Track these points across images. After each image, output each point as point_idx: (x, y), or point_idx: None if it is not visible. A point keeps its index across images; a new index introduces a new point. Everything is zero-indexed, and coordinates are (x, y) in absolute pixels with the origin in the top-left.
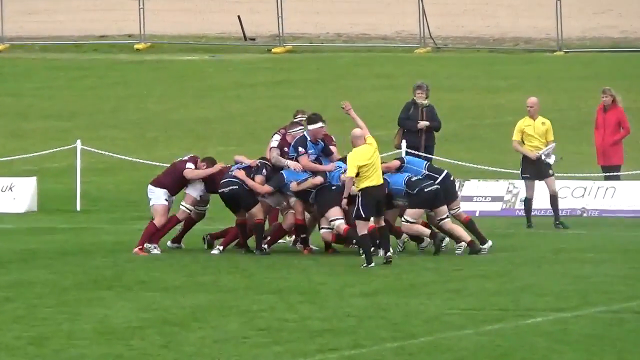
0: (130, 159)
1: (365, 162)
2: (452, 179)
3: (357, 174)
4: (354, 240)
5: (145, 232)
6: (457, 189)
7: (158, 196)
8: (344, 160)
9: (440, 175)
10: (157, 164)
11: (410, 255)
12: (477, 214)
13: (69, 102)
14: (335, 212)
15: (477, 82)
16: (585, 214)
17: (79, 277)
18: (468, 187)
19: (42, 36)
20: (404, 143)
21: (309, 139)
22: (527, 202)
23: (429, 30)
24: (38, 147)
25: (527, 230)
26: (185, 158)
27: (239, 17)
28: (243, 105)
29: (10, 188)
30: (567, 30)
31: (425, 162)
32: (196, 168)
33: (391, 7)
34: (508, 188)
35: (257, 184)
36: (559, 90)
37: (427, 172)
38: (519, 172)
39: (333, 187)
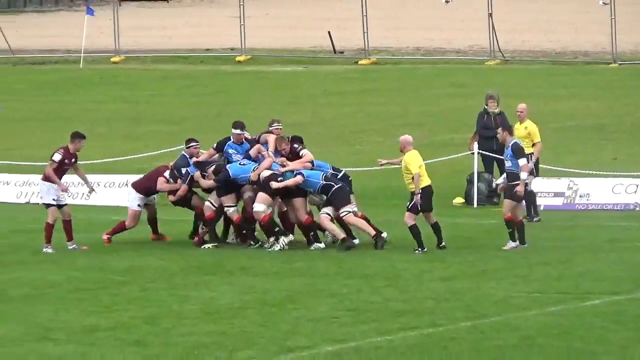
0: None
1: (421, 162)
2: (350, 179)
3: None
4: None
5: (117, 226)
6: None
7: (132, 200)
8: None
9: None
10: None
11: (481, 245)
12: (541, 208)
13: (178, 109)
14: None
15: (541, 91)
16: (637, 208)
17: (186, 264)
18: (533, 184)
19: (153, 49)
20: (475, 146)
21: (232, 140)
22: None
23: (497, 44)
24: (149, 148)
25: (583, 222)
26: (165, 165)
27: (329, 32)
28: (332, 111)
29: (126, 184)
30: (621, 44)
31: (329, 165)
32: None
33: (464, 24)
34: (568, 185)
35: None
36: (613, 98)
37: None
38: (576, 170)
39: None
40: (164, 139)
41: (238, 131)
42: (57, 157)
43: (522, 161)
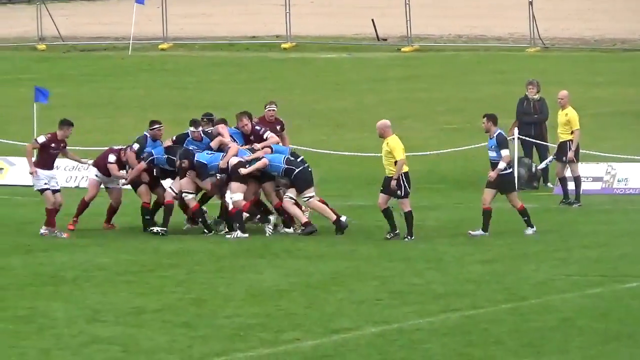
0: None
1: (403, 147)
2: (309, 170)
3: (396, 162)
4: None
5: (79, 206)
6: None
7: (91, 172)
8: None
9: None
10: (302, 148)
11: (521, 229)
12: (581, 192)
13: (224, 95)
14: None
15: (580, 78)
16: None
17: (234, 247)
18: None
19: (201, 36)
20: (515, 131)
21: (190, 137)
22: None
23: (538, 32)
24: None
25: (621, 206)
26: (114, 148)
27: (372, 20)
28: (376, 97)
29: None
30: None
31: (290, 149)
32: (118, 158)
33: (505, 12)
34: (607, 170)
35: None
36: None
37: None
38: (614, 155)
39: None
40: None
41: (192, 129)
42: (42, 139)
43: (504, 152)
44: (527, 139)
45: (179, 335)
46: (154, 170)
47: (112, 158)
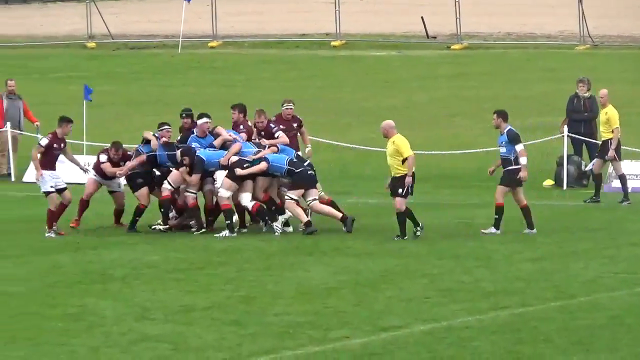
0: (327, 141)
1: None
2: (310, 172)
3: (404, 160)
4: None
5: (79, 208)
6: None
7: (90, 173)
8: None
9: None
10: (351, 145)
11: (570, 227)
12: (629, 190)
13: (274, 92)
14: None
15: (628, 76)
16: None
17: (283, 244)
18: (624, 167)
19: (250, 34)
20: (565, 129)
21: (195, 134)
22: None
23: (587, 30)
24: None
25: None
26: (105, 148)
27: (422, 18)
28: (425, 95)
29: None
30: None
31: (295, 152)
32: (109, 157)
33: (555, 10)
34: None
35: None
36: None
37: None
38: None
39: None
40: None
41: (204, 120)
42: (45, 141)
43: (519, 147)
44: (577, 136)
45: (228, 333)
46: (155, 171)
47: (103, 157)
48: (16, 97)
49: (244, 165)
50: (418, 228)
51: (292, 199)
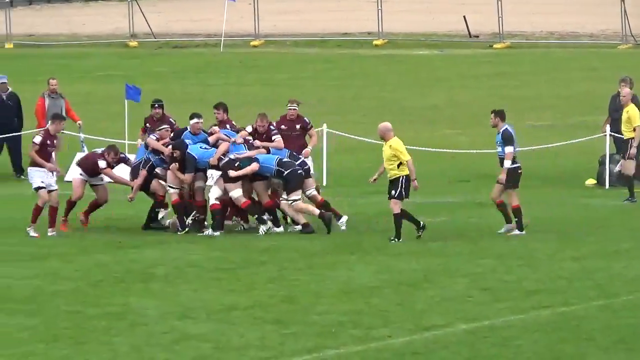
0: (369, 140)
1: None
2: (307, 168)
3: (400, 164)
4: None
5: (67, 205)
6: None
7: (74, 171)
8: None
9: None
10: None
11: (612, 226)
12: None
13: (316, 91)
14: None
15: None
16: None
17: (325, 243)
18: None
19: (292, 33)
20: (607, 128)
21: (189, 130)
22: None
23: (630, 28)
24: None
25: None
26: (98, 153)
27: (464, 17)
28: (467, 94)
29: None
30: None
31: (288, 152)
32: (108, 163)
33: (597, 9)
34: None
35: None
36: None
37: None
38: None
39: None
40: None
41: (195, 120)
42: (38, 139)
43: (508, 149)
44: (619, 135)
45: (270, 332)
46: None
47: (102, 164)
48: (58, 96)
49: (236, 165)
50: (419, 229)
51: (295, 200)
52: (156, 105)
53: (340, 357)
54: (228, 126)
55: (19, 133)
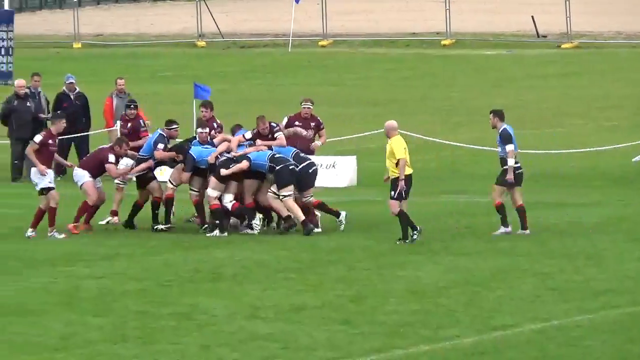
0: (437, 140)
1: (405, 147)
2: (315, 169)
3: (397, 163)
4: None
5: (80, 209)
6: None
7: (81, 176)
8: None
9: (301, 163)
10: (461, 145)
11: None
12: None
13: (384, 91)
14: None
15: None
16: None
17: (393, 244)
18: None
19: (360, 33)
20: None
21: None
22: None
23: None
24: (357, 129)
25: None
26: (106, 147)
27: (532, 17)
28: (535, 94)
29: (333, 165)
30: None
31: (294, 151)
32: (116, 155)
33: None
34: None
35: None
36: None
37: (292, 160)
38: None
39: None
40: (370, 121)
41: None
42: (38, 138)
43: (509, 147)
44: None
45: (339, 332)
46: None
47: (112, 158)
48: (126, 96)
49: (231, 165)
50: (415, 232)
51: (285, 196)
52: (131, 106)
53: (408, 357)
54: (215, 125)
55: (86, 133)
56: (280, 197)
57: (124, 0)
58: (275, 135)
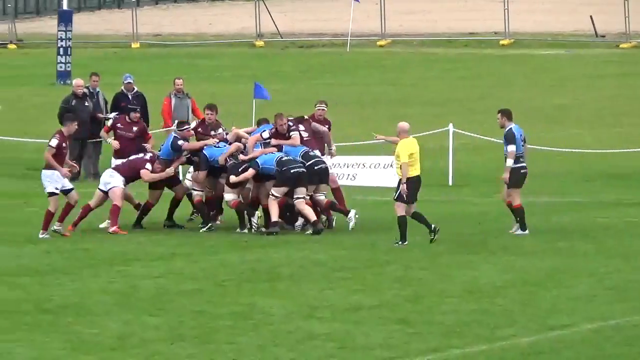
0: (494, 140)
1: (413, 151)
2: (322, 167)
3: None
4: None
5: (112, 214)
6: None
7: (118, 180)
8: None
9: (308, 161)
10: None
11: None
12: None
13: (442, 91)
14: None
15: None
16: None
17: (450, 243)
18: None
19: (418, 33)
20: None
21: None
22: None
23: None
24: (415, 130)
25: None
26: (146, 157)
27: (591, 17)
28: (593, 93)
29: (391, 165)
30: None
31: (303, 150)
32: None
33: None
34: None
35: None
36: None
37: (301, 158)
38: None
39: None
40: (429, 121)
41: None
42: (54, 142)
43: (510, 147)
44: None
45: (395, 331)
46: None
47: (149, 166)
48: (184, 96)
49: (240, 169)
50: (400, 242)
51: (274, 196)
52: (137, 109)
53: (465, 357)
54: (221, 129)
55: None
56: (271, 195)
57: (182, 0)
58: (290, 134)
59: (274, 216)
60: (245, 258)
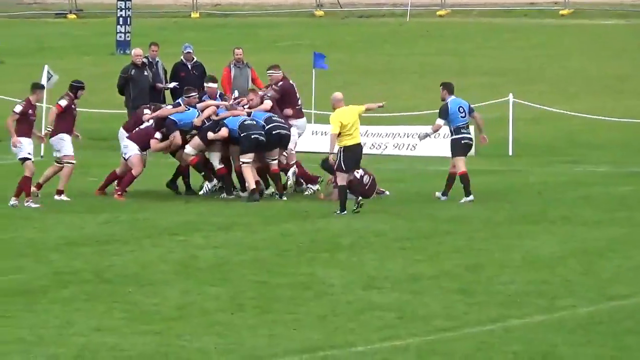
0: (554, 110)
1: (346, 121)
2: (278, 132)
3: (339, 133)
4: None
5: (124, 181)
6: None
7: (132, 148)
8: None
9: (269, 125)
10: (578, 114)
11: None
12: None
13: (501, 61)
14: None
15: None
16: None
17: (510, 213)
18: None
19: (478, 2)
20: None
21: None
22: None
23: None
24: (475, 100)
25: None
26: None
27: None
28: None
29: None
30: None
31: (267, 115)
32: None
33: None
34: None
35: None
36: None
37: (263, 123)
38: None
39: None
40: (488, 90)
41: (211, 84)
42: (18, 108)
43: (437, 121)
44: None
45: (455, 301)
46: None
47: (158, 135)
48: (244, 66)
49: (216, 130)
50: (338, 212)
51: (244, 162)
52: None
53: (524, 327)
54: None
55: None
56: (242, 163)
57: None
58: (264, 101)
59: (251, 183)
60: (305, 228)
